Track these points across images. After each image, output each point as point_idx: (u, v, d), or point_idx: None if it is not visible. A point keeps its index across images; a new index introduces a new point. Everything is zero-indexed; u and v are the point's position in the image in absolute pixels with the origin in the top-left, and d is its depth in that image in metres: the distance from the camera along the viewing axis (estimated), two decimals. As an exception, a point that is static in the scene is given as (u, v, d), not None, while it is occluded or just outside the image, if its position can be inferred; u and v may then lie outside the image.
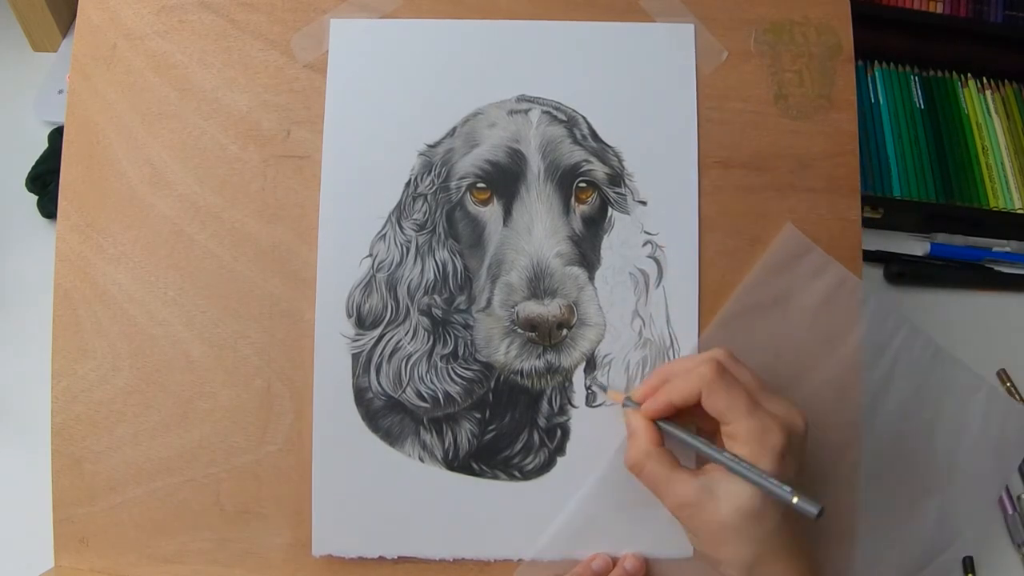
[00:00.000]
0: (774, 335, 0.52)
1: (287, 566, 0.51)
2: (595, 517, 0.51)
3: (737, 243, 0.53)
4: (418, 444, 0.51)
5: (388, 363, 0.52)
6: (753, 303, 0.52)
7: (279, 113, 0.53)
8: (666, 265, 0.52)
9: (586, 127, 0.53)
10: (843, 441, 0.51)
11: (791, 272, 0.52)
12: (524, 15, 0.54)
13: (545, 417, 0.52)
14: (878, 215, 0.71)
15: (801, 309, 0.52)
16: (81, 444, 0.52)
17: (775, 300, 0.52)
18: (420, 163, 0.53)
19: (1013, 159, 0.75)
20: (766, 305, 0.52)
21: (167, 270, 0.53)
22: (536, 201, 0.52)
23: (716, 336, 0.51)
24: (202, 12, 0.54)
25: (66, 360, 0.52)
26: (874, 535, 0.52)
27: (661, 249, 0.52)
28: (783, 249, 0.52)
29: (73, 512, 0.52)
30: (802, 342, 0.52)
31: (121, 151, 0.53)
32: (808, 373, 0.52)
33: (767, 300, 0.52)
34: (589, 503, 0.51)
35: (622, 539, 0.51)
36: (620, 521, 0.51)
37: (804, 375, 0.52)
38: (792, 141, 0.54)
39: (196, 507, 0.52)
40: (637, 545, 0.51)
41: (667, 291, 0.52)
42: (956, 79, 0.79)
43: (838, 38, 0.55)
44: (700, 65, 0.54)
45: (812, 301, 0.52)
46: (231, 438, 0.52)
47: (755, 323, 0.52)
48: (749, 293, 0.52)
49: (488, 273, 0.52)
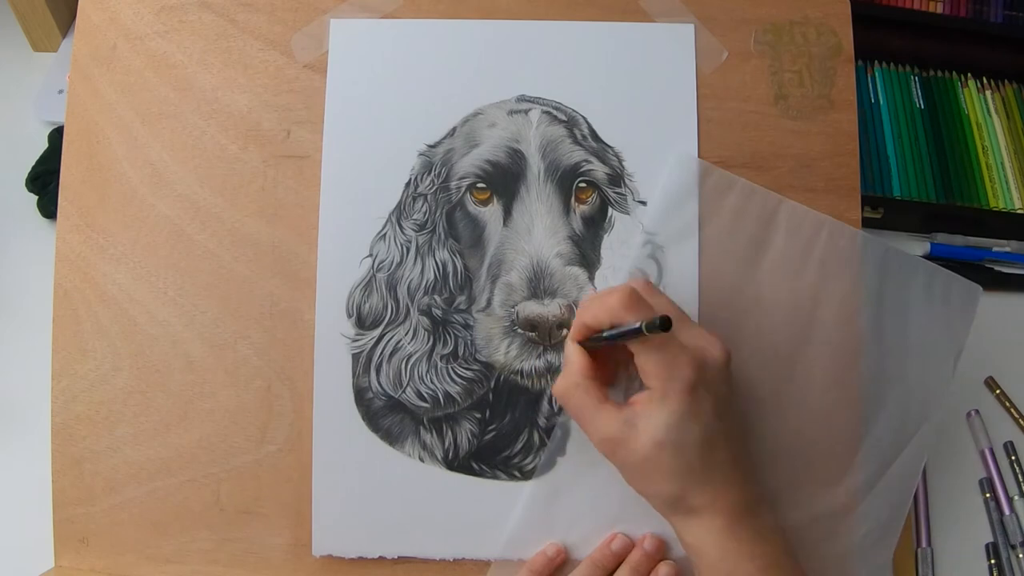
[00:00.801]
0: (700, 259, 0.52)
1: (287, 566, 0.51)
2: (551, 512, 0.51)
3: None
4: (418, 444, 0.51)
5: (388, 363, 0.52)
6: (666, 235, 0.52)
7: (279, 113, 0.53)
8: (666, 265, 0.52)
9: (586, 127, 0.53)
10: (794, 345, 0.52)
11: (698, 197, 0.52)
12: (524, 15, 0.54)
13: (545, 417, 0.52)
14: (878, 215, 0.71)
15: (718, 230, 0.52)
16: (81, 444, 0.52)
17: (687, 227, 0.52)
18: (420, 163, 0.53)
19: (1013, 159, 0.75)
20: (679, 235, 0.52)
21: (167, 270, 0.53)
22: (536, 201, 0.52)
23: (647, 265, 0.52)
24: (202, 12, 0.54)
25: (66, 360, 0.52)
26: (847, 433, 0.52)
27: (661, 249, 0.52)
28: (679, 180, 0.52)
29: (73, 512, 0.52)
30: (724, 261, 0.52)
31: (121, 151, 0.53)
32: (744, 289, 0.52)
33: (678, 231, 0.52)
34: (540, 498, 0.51)
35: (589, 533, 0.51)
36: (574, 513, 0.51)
37: (736, 293, 0.52)
38: (792, 141, 0.54)
39: (196, 507, 0.52)
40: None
41: (667, 291, 0.52)
42: (956, 79, 0.79)
43: (838, 38, 0.55)
44: (700, 65, 0.54)
45: (726, 220, 0.52)
46: (231, 438, 0.52)
47: (669, 254, 0.52)
48: (659, 225, 0.52)
49: (488, 273, 0.52)
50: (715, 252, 0.52)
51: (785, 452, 0.51)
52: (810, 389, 0.52)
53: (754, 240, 0.52)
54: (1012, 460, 0.64)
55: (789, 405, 0.52)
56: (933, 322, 0.54)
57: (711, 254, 0.52)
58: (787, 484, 0.51)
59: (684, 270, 0.52)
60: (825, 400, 0.52)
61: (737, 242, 0.52)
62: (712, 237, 0.52)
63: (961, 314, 0.54)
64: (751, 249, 0.52)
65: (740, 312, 0.52)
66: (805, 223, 0.53)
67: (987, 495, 0.62)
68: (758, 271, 0.52)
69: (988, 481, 0.63)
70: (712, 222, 0.52)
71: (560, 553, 0.50)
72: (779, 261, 0.52)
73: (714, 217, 0.52)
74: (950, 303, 0.54)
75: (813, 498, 0.51)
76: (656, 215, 0.52)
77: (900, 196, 0.72)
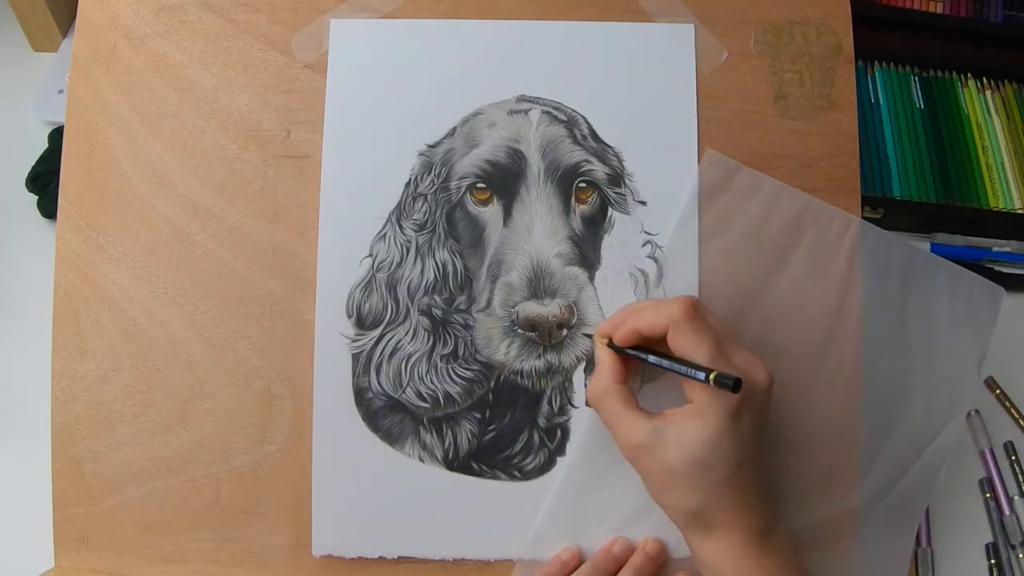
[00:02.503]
0: (727, 257, 0.52)
1: (287, 566, 0.51)
2: (576, 512, 0.51)
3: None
4: (418, 444, 0.51)
5: (388, 363, 0.52)
6: (695, 234, 0.52)
7: (279, 113, 0.53)
8: (666, 265, 0.52)
9: (586, 127, 0.53)
10: (819, 347, 0.52)
11: (725, 195, 0.52)
12: (524, 15, 0.54)
13: (545, 417, 0.52)
14: (878, 215, 0.71)
15: (746, 228, 0.52)
16: (81, 444, 0.52)
17: (718, 223, 0.52)
18: (420, 163, 0.53)
19: (1013, 159, 0.75)
20: (709, 232, 0.52)
21: (167, 270, 0.53)
22: (536, 201, 0.52)
23: (677, 258, 0.52)
24: (202, 12, 0.54)
25: (66, 360, 0.52)
26: (870, 434, 0.52)
27: (661, 249, 0.52)
28: (710, 176, 0.52)
29: (73, 512, 0.52)
30: (754, 260, 0.52)
31: (121, 151, 0.53)
32: (766, 290, 0.52)
33: (709, 227, 0.52)
34: (569, 497, 0.51)
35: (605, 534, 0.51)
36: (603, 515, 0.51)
37: (762, 292, 0.52)
38: (792, 141, 0.54)
39: (196, 507, 0.52)
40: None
41: (667, 291, 0.52)
42: (956, 79, 0.79)
43: (838, 38, 0.55)
44: (700, 65, 0.54)
45: (754, 219, 0.52)
46: (231, 438, 0.52)
47: (702, 251, 0.52)
48: (686, 226, 0.52)
49: (488, 273, 0.52)
50: (741, 251, 0.52)
51: (804, 455, 0.51)
52: (834, 392, 0.52)
53: (781, 239, 0.52)
54: (1012, 460, 0.64)
55: (813, 408, 0.52)
56: (957, 324, 0.54)
57: (737, 253, 0.52)
58: (801, 488, 0.51)
59: (684, 270, 0.52)
60: (848, 403, 0.52)
61: (763, 241, 0.52)
62: (738, 236, 0.52)
63: (985, 316, 0.54)
64: (778, 249, 0.52)
65: (764, 313, 0.52)
66: (834, 223, 0.52)
67: (987, 495, 0.62)
68: (784, 272, 0.52)
69: (988, 481, 0.63)
70: (738, 221, 0.52)
71: (575, 556, 0.50)
72: (805, 261, 0.52)
73: (740, 216, 0.52)
74: (973, 304, 0.54)
75: (823, 501, 0.51)
76: (680, 216, 0.52)
77: (900, 196, 0.73)
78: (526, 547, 0.51)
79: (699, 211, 0.52)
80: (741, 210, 0.52)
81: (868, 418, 0.52)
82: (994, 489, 0.62)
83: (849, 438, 0.52)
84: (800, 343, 0.52)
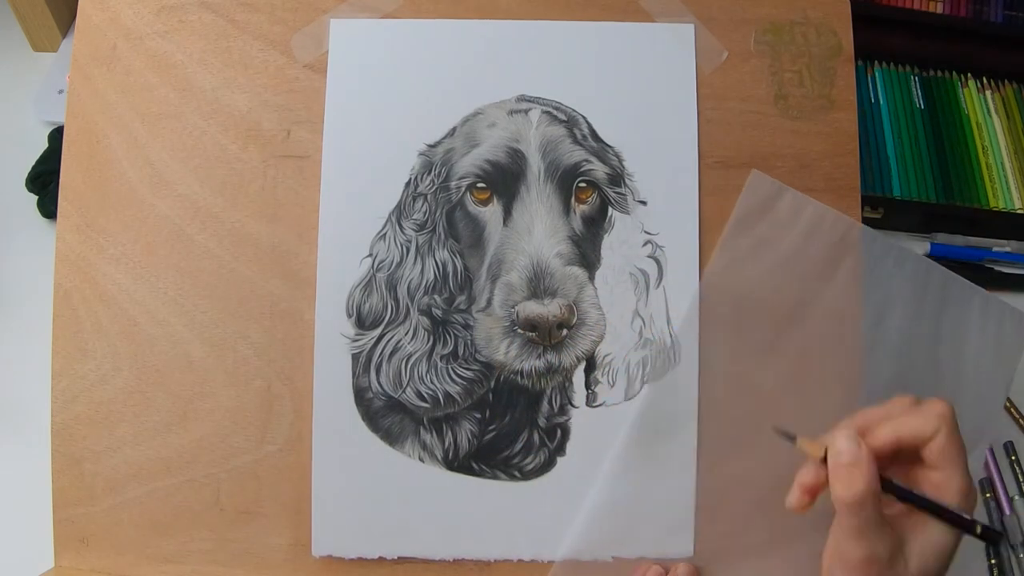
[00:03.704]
0: (767, 278, 0.52)
1: (287, 566, 0.51)
2: (612, 515, 0.51)
3: (737, 243, 0.53)
4: (418, 444, 0.51)
5: (388, 363, 0.52)
6: (738, 254, 0.52)
7: (279, 113, 0.53)
8: (666, 265, 0.52)
9: (586, 127, 0.53)
10: (846, 371, 0.51)
11: (767, 218, 0.52)
12: (524, 15, 0.54)
13: (545, 417, 0.52)
14: (878, 215, 0.71)
15: (788, 250, 0.52)
16: (81, 444, 0.52)
17: (759, 244, 0.52)
18: (420, 163, 0.53)
19: (1013, 159, 0.75)
20: (750, 254, 0.52)
21: (167, 270, 0.53)
22: (536, 201, 0.52)
23: (712, 290, 0.51)
24: (202, 12, 0.54)
25: (66, 360, 0.52)
26: None
27: (661, 249, 0.52)
28: (754, 197, 0.52)
29: (73, 512, 0.52)
30: (795, 281, 0.52)
31: (121, 151, 0.53)
32: (806, 310, 0.52)
33: (749, 248, 0.52)
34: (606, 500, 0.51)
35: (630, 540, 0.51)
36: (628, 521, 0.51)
37: (803, 312, 0.52)
38: (792, 141, 0.54)
39: (196, 507, 0.52)
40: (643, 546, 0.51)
41: (667, 291, 0.52)
42: (956, 79, 0.79)
43: (838, 38, 0.55)
44: (700, 65, 0.54)
45: (796, 241, 0.52)
46: (231, 438, 0.52)
47: (745, 271, 0.52)
48: (729, 246, 0.52)
49: (488, 273, 0.52)
50: (782, 273, 0.52)
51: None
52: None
53: (823, 264, 0.52)
54: (1012, 460, 0.64)
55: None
56: (984, 352, 0.54)
57: (778, 275, 0.52)
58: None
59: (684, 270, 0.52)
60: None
61: (804, 265, 0.52)
62: (780, 259, 0.52)
63: (1012, 345, 0.54)
64: (819, 273, 0.52)
65: (802, 337, 0.52)
66: (874, 246, 0.53)
67: (987, 495, 0.62)
68: (823, 296, 0.52)
69: (988, 481, 0.63)
70: (781, 245, 0.52)
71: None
72: (844, 286, 0.52)
73: (783, 241, 0.52)
74: (1002, 333, 0.54)
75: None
76: (727, 236, 0.52)
77: (900, 196, 0.73)
78: (564, 550, 0.51)
79: (739, 232, 0.52)
80: (782, 233, 0.52)
81: None
82: (994, 489, 0.62)
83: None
84: (836, 374, 0.51)
